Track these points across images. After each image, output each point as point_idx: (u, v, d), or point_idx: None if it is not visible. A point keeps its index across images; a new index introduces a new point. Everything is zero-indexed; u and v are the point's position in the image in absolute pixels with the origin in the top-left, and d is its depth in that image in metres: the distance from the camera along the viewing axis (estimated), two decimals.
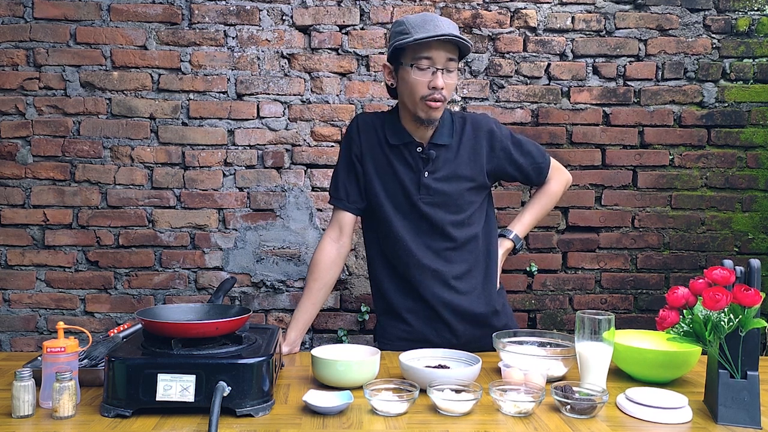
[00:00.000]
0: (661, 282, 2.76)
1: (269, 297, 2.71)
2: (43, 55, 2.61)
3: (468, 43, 1.67)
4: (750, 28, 2.72)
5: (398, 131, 1.80)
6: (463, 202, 1.82)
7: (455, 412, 1.31)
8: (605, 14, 2.71)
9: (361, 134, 1.84)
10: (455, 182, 1.80)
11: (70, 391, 1.27)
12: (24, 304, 2.65)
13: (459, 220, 1.82)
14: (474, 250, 1.85)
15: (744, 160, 2.74)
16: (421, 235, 1.81)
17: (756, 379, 1.27)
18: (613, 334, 1.41)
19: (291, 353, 1.80)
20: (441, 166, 1.79)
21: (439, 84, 1.67)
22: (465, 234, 1.83)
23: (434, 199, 1.79)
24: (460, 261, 1.83)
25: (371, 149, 1.82)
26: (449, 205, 1.80)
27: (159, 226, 2.67)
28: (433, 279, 1.81)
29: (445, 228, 1.81)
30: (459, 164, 1.80)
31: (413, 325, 1.84)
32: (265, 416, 1.30)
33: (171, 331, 1.36)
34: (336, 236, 1.88)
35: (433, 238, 1.81)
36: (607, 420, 1.30)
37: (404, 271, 1.83)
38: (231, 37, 2.66)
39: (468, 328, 1.84)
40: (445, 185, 1.79)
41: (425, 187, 1.79)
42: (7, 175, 2.63)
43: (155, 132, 2.66)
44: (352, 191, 1.85)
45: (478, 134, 1.82)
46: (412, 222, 1.81)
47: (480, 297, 1.85)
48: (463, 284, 1.83)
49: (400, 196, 1.81)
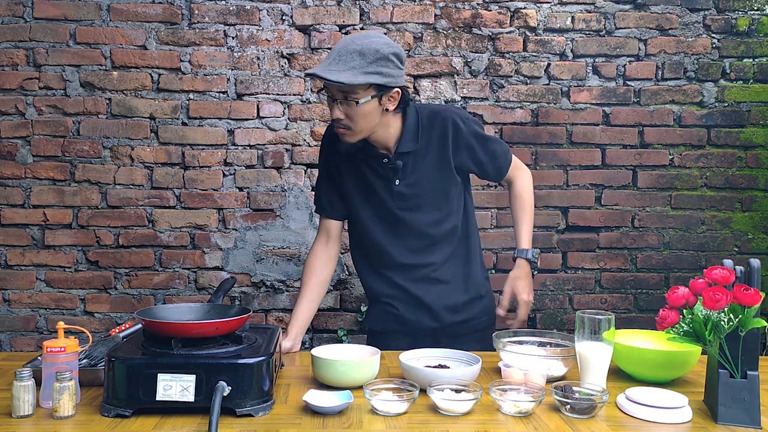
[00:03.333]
0: (661, 282, 2.76)
1: (269, 297, 2.71)
2: (42, 55, 2.61)
3: (332, 81, 1.60)
4: (750, 28, 2.72)
5: (365, 146, 1.79)
6: (438, 201, 1.84)
7: (455, 412, 1.31)
8: (605, 14, 2.71)
9: (333, 146, 1.85)
10: (427, 185, 1.82)
11: (70, 391, 1.27)
12: (24, 304, 2.65)
13: (436, 218, 1.84)
14: (453, 241, 1.88)
15: (744, 160, 2.74)
16: (400, 237, 1.85)
17: (756, 379, 1.27)
18: (613, 334, 1.42)
19: (291, 351, 1.81)
20: (410, 173, 1.80)
21: (334, 115, 1.69)
22: (443, 229, 1.85)
23: (409, 204, 1.82)
24: (439, 253, 1.86)
25: (344, 160, 1.84)
26: (424, 206, 1.83)
27: (159, 226, 2.67)
28: (413, 273, 1.86)
29: (423, 228, 1.84)
30: (428, 167, 1.81)
31: (397, 308, 1.89)
32: (265, 416, 1.30)
33: (171, 331, 1.36)
34: (325, 242, 1.95)
35: (411, 238, 1.85)
36: (607, 420, 1.30)
37: (384, 268, 1.89)
38: (231, 37, 2.66)
39: (449, 314, 1.87)
40: (418, 189, 1.81)
41: (398, 195, 1.81)
42: (7, 175, 2.63)
43: (155, 132, 2.66)
44: (333, 200, 1.91)
45: (444, 132, 1.81)
46: (390, 226, 1.85)
47: (461, 284, 1.88)
48: (444, 274, 1.87)
49: (376, 203, 1.84)
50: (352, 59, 1.62)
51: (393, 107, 1.73)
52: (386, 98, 1.70)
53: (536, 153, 2.72)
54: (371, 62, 1.62)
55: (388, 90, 1.68)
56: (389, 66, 1.65)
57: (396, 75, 1.68)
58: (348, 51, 1.63)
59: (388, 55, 1.64)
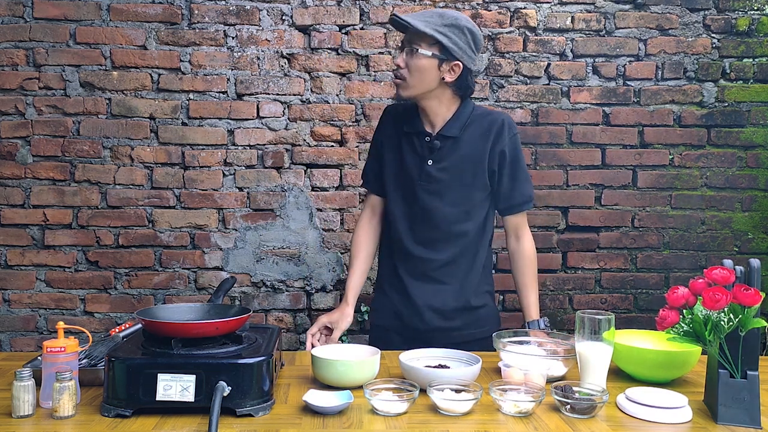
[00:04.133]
0: (661, 282, 2.76)
1: (269, 297, 2.71)
2: (42, 55, 2.61)
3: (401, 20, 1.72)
4: (750, 28, 2.72)
5: (414, 121, 1.87)
6: (461, 196, 1.84)
7: (455, 411, 1.31)
8: (605, 14, 2.71)
9: (384, 123, 1.96)
10: (455, 174, 1.83)
11: (70, 391, 1.27)
12: (24, 304, 2.65)
13: (454, 213, 1.84)
14: (461, 245, 1.87)
15: (744, 160, 2.74)
16: (415, 222, 1.87)
17: (756, 378, 1.27)
18: (613, 334, 1.41)
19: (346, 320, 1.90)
20: (444, 157, 1.83)
21: (396, 61, 1.79)
22: (457, 228, 1.85)
23: (433, 188, 1.83)
24: (445, 252, 1.86)
25: (390, 138, 1.92)
26: (446, 195, 1.83)
27: (159, 226, 2.67)
28: (415, 265, 1.88)
29: (439, 220, 1.84)
30: (462, 158, 1.82)
31: (391, 298, 1.92)
32: (265, 416, 1.30)
33: (171, 331, 1.36)
34: (370, 216, 2.01)
35: (425, 227, 1.86)
36: (607, 420, 1.30)
37: (394, 254, 1.93)
38: (231, 37, 2.66)
39: (435, 317, 1.86)
40: (446, 175, 1.83)
41: (426, 175, 1.83)
42: (7, 175, 2.63)
43: (155, 132, 2.66)
44: (377, 175, 1.97)
45: (488, 129, 1.83)
46: (409, 208, 1.87)
47: (456, 291, 1.87)
48: (443, 275, 1.87)
49: (403, 181, 1.88)
50: (432, 16, 1.75)
51: (451, 79, 1.78)
52: (447, 66, 1.76)
53: (536, 153, 2.72)
54: (445, 25, 1.73)
55: (451, 58, 1.75)
56: (460, 37, 1.74)
57: (463, 48, 1.75)
58: (433, 12, 1.77)
59: (463, 26, 1.75)
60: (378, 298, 2.00)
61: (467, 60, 1.77)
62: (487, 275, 1.96)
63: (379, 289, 2.00)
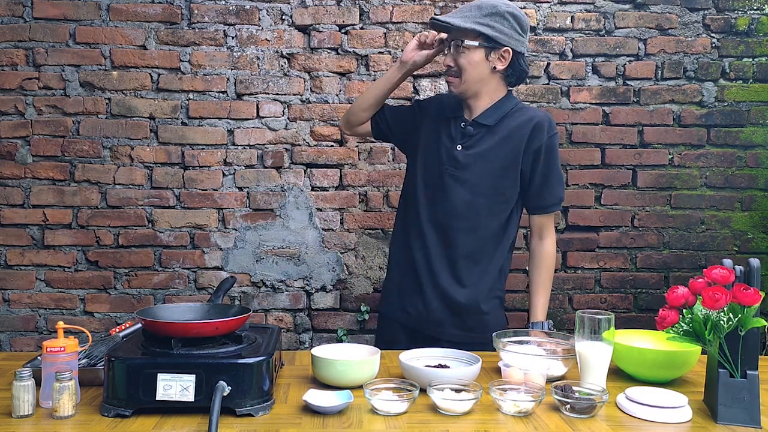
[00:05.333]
0: (660, 281, 2.76)
1: (269, 297, 2.71)
2: (42, 55, 2.61)
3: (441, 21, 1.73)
4: (749, 28, 2.72)
5: (455, 106, 1.88)
6: (486, 186, 1.81)
7: (455, 411, 1.31)
8: (605, 14, 2.71)
9: (433, 102, 1.98)
10: (483, 162, 1.81)
11: (70, 391, 1.27)
12: (24, 304, 2.65)
13: (476, 203, 1.81)
14: (479, 240, 1.84)
15: (743, 160, 2.75)
16: (437, 207, 1.85)
17: (756, 378, 1.28)
18: (613, 333, 1.42)
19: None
20: (475, 144, 1.82)
21: (445, 62, 1.81)
22: (476, 222, 1.82)
23: (458, 173, 1.81)
24: (461, 246, 1.83)
25: (431, 119, 1.92)
26: (470, 182, 1.81)
27: (159, 225, 2.67)
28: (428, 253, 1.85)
29: (460, 207, 1.82)
30: (492, 149, 1.81)
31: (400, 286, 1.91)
32: (265, 416, 1.30)
33: (171, 330, 1.36)
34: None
35: (444, 213, 1.84)
36: (607, 420, 1.30)
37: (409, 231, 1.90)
38: (230, 36, 2.66)
39: (440, 308, 1.84)
40: (473, 161, 1.81)
41: (454, 159, 1.82)
42: (7, 175, 2.63)
43: (155, 132, 2.66)
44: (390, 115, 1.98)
45: (525, 125, 1.81)
46: (433, 192, 1.85)
47: (466, 287, 1.84)
48: (455, 269, 1.84)
49: (431, 163, 1.87)
50: (470, 10, 1.74)
51: (502, 67, 1.77)
52: (495, 55, 1.75)
53: None
54: (485, 15, 1.72)
55: (497, 46, 1.73)
56: (503, 23, 1.72)
57: (508, 33, 1.73)
58: (470, 5, 1.76)
59: (503, 12, 1.73)
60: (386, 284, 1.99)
61: (515, 44, 1.75)
62: (502, 280, 1.92)
63: (389, 274, 1.99)
